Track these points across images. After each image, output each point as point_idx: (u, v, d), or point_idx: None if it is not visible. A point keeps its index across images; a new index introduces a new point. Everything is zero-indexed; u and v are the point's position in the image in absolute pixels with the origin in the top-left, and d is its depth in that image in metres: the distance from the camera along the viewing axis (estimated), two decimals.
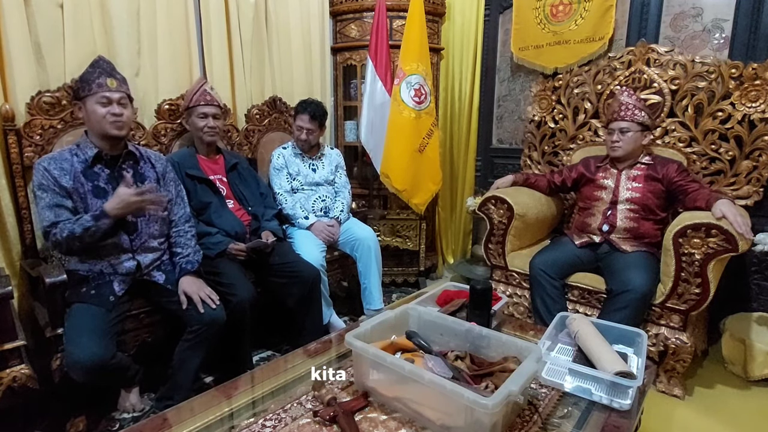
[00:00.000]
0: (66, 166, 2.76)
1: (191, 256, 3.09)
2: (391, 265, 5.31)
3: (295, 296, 3.52)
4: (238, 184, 3.77)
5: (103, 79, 2.78)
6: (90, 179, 2.81)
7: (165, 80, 3.92)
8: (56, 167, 2.74)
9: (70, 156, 2.81)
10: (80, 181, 2.77)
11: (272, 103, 4.58)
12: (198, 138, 3.70)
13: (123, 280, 2.86)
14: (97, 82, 2.77)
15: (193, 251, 3.12)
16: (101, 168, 2.86)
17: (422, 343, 2.14)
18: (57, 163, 2.75)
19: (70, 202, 2.74)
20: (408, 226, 5.17)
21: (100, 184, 2.83)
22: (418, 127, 4.62)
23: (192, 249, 3.12)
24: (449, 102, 5.65)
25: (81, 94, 2.80)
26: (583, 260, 3.63)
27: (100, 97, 2.77)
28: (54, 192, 2.71)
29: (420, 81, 4.60)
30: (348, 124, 5.35)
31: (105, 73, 2.80)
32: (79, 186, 2.77)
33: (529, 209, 3.91)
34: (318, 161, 4.33)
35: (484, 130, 5.61)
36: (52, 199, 2.70)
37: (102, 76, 2.78)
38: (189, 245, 3.13)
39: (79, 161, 2.81)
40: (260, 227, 3.72)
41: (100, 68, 2.81)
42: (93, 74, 2.79)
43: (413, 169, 4.67)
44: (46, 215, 2.68)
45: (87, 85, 2.78)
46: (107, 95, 2.77)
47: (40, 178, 2.71)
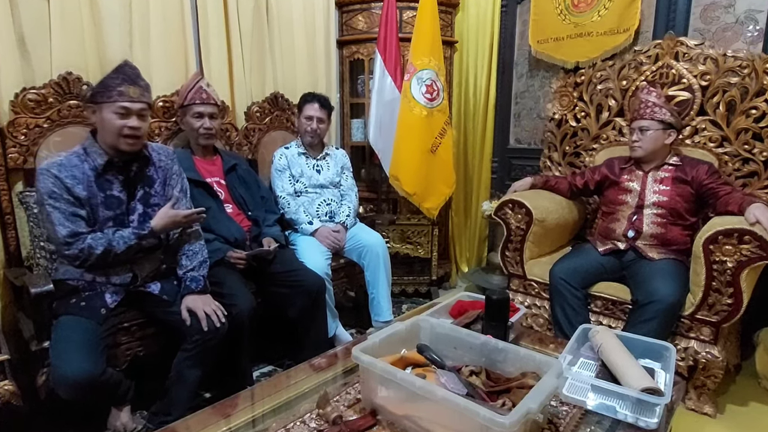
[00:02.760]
0: (78, 174, 2.73)
1: (197, 270, 3.06)
2: (401, 273, 5.30)
3: (298, 307, 3.51)
4: (237, 187, 3.78)
5: (125, 87, 2.74)
6: (103, 189, 2.80)
7: (158, 75, 3.92)
8: (68, 175, 2.69)
9: (80, 162, 2.76)
10: (93, 191, 2.76)
11: (274, 100, 4.60)
12: (193, 139, 3.70)
13: (116, 291, 2.86)
14: (119, 90, 2.73)
15: (199, 263, 3.09)
16: (114, 175, 2.85)
17: (434, 357, 2.14)
18: (68, 170, 2.71)
19: (84, 211, 2.73)
20: (419, 232, 5.18)
21: (114, 193, 2.83)
22: (430, 125, 4.63)
23: (198, 261, 3.09)
24: (463, 99, 5.66)
25: (98, 99, 2.75)
26: (607, 268, 3.62)
27: (119, 107, 2.73)
28: (68, 201, 2.68)
29: (432, 76, 4.61)
30: (355, 122, 5.36)
31: (129, 80, 2.76)
32: (92, 196, 2.76)
33: (549, 214, 3.90)
34: (323, 162, 4.34)
35: (501, 129, 5.63)
36: (67, 208, 2.68)
37: (125, 84, 2.75)
38: (196, 255, 3.11)
39: (90, 168, 2.77)
40: (261, 233, 3.73)
41: (124, 74, 2.77)
42: (115, 80, 2.74)
43: (425, 170, 4.68)
44: (64, 225, 2.66)
45: (107, 91, 2.73)
46: (127, 105, 2.74)
47: (50, 186, 2.66)
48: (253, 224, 3.75)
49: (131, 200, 2.90)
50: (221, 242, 3.48)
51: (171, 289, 3.02)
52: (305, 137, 4.28)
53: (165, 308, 2.96)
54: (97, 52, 3.62)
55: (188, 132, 3.71)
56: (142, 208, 2.93)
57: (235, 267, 3.44)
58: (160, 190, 3.02)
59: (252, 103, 4.49)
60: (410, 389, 1.88)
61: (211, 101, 3.67)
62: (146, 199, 2.95)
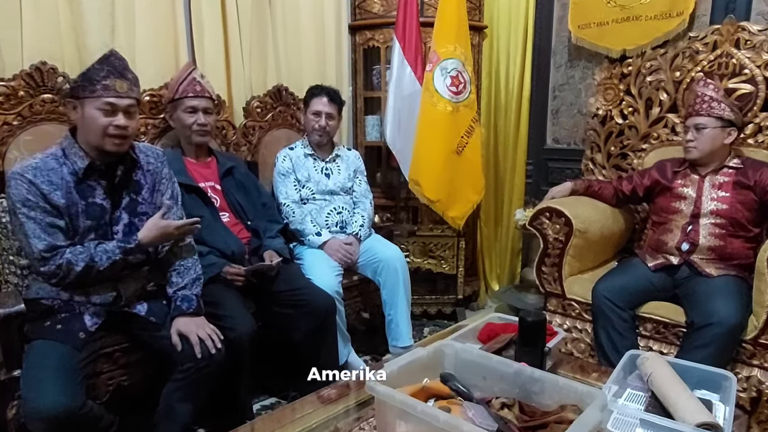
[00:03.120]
0: (55, 179, 2.69)
1: (189, 288, 3.04)
2: (423, 292, 5.31)
3: (305, 330, 3.50)
4: (235, 193, 3.78)
5: (111, 81, 2.71)
6: (84, 196, 2.77)
7: (145, 66, 3.90)
8: (44, 180, 2.66)
9: (58, 166, 2.73)
10: (73, 198, 2.73)
11: (277, 93, 4.62)
12: (185, 137, 3.71)
13: (97, 313, 2.82)
14: (104, 84, 2.70)
15: (192, 281, 3.07)
16: (96, 180, 2.82)
17: (461, 387, 2.14)
18: (44, 175, 2.67)
19: (63, 222, 2.71)
20: (443, 245, 5.18)
21: (97, 200, 2.81)
22: (456, 123, 4.63)
23: (191, 277, 3.07)
24: (494, 92, 5.67)
25: (80, 94, 2.72)
26: (658, 287, 3.61)
27: (104, 104, 2.70)
28: (44, 210, 2.66)
29: (458, 66, 4.61)
30: (370, 119, 5.37)
31: (115, 73, 2.73)
32: (71, 204, 2.72)
33: (591, 224, 3.90)
34: (332, 165, 4.35)
35: (537, 126, 5.63)
36: (44, 218, 2.65)
37: (111, 77, 2.71)
38: (188, 271, 3.09)
39: (69, 172, 2.74)
40: (262, 246, 3.73)
41: (110, 66, 2.73)
42: (100, 72, 2.70)
43: (449, 174, 4.68)
44: (40, 237, 2.63)
45: (90, 84, 2.70)
46: (113, 101, 2.71)
47: (24, 192, 2.62)
48: (253, 235, 3.76)
49: (116, 209, 2.88)
50: (216, 256, 3.46)
51: (160, 310, 2.99)
52: (312, 136, 4.28)
53: (153, 332, 2.93)
54: (74, 38, 3.64)
55: (179, 129, 3.72)
56: (128, 217, 2.91)
57: (232, 284, 3.43)
58: (149, 197, 3.01)
59: (252, 97, 4.50)
60: (433, 424, 1.87)
61: (206, 94, 3.68)
62: (133, 208, 2.93)
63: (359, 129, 5.39)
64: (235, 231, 3.65)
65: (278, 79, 4.72)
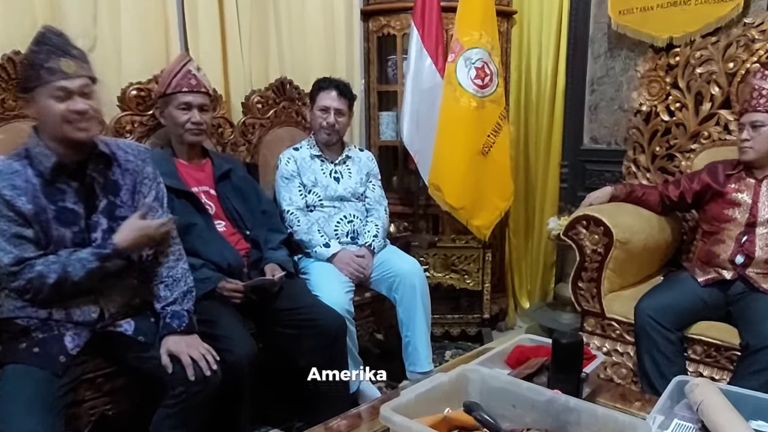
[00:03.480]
0: (20, 183, 2.67)
1: (180, 303, 3.02)
2: (444, 310, 5.31)
3: (312, 354, 3.49)
4: (232, 199, 3.78)
5: (54, 62, 2.64)
6: (53, 200, 2.74)
7: (131, 57, 3.95)
8: (7, 185, 2.64)
9: (22, 168, 2.70)
10: (41, 204, 2.70)
11: (280, 87, 4.63)
12: (177, 137, 3.71)
13: (78, 333, 2.80)
14: (47, 67, 2.63)
15: (182, 294, 3.05)
16: (66, 181, 2.79)
17: (487, 418, 2.14)
18: (6, 179, 2.65)
19: (31, 231, 2.68)
20: (467, 258, 5.18)
21: (68, 205, 2.78)
22: (481, 120, 4.63)
23: (181, 291, 3.05)
24: (524, 86, 5.70)
25: (29, 85, 2.69)
26: (709, 304, 3.60)
27: (55, 89, 2.63)
28: (9, 219, 2.64)
29: (483, 57, 4.61)
30: (384, 116, 5.38)
31: (57, 51, 2.67)
32: (40, 211, 2.70)
33: (634, 234, 3.89)
34: (343, 167, 4.36)
35: (573, 124, 5.65)
36: (9, 229, 2.63)
37: (53, 57, 2.64)
38: (178, 284, 3.07)
39: (35, 174, 2.71)
40: (263, 258, 3.72)
41: (49, 45, 2.68)
42: (39, 55, 2.66)
43: (474, 178, 4.68)
44: (6, 250, 2.61)
45: (34, 71, 2.66)
46: (64, 85, 2.64)
47: None
48: (253, 247, 3.75)
49: (92, 213, 2.85)
50: (211, 270, 3.45)
51: (148, 329, 2.97)
52: (320, 135, 4.29)
53: (140, 353, 2.91)
54: None
55: (171, 127, 3.72)
56: (107, 222, 2.88)
57: (229, 302, 3.42)
58: (129, 199, 2.98)
59: (251, 91, 4.51)
60: None
61: (202, 89, 3.68)
62: (111, 211, 2.90)
63: (372, 127, 5.40)
64: (232, 241, 3.64)
65: (281, 71, 4.73)
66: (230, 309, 3.39)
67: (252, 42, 4.56)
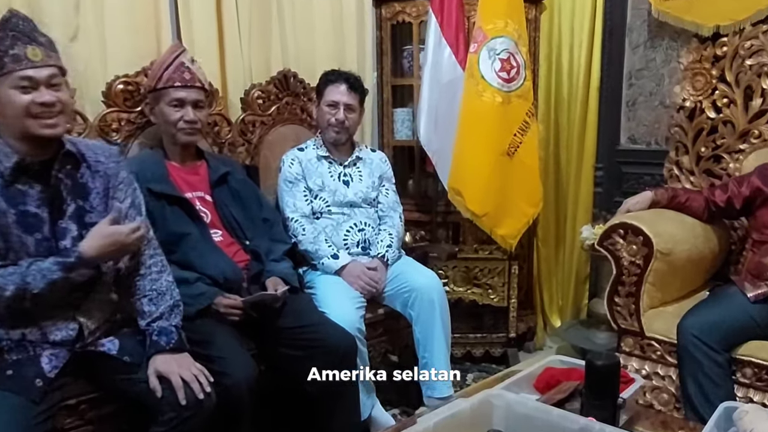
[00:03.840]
0: None
1: (167, 318, 2.99)
2: (466, 329, 5.29)
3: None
4: (230, 206, 3.76)
5: (20, 49, 2.62)
6: (13, 203, 2.71)
7: (118, 47, 3.93)
8: None
9: None
10: (0, 207, 2.69)
11: (283, 81, 4.62)
12: (169, 136, 3.67)
13: (56, 355, 2.77)
14: (12, 54, 2.62)
15: (169, 309, 3.02)
16: (28, 183, 2.76)
17: None
18: None
19: None
20: (491, 270, 5.17)
21: (30, 209, 2.75)
22: (507, 117, 4.62)
23: (167, 305, 3.02)
24: (554, 80, 5.71)
25: None
26: (760, 322, 3.56)
27: (19, 79, 2.62)
28: None
29: (509, 47, 4.59)
30: (399, 113, 5.38)
31: (23, 38, 2.66)
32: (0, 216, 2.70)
33: (676, 244, 3.87)
34: (353, 170, 4.34)
35: (608, 122, 5.65)
36: None
37: (18, 44, 2.62)
38: (163, 297, 3.04)
39: None
40: (264, 271, 3.70)
41: (14, 31, 2.67)
42: (4, 41, 2.64)
43: (499, 182, 4.67)
44: None
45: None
46: (30, 74, 2.63)
47: None
48: (253, 258, 3.73)
49: (59, 218, 2.82)
50: (207, 284, 3.42)
51: (134, 348, 2.94)
52: (328, 133, 4.26)
53: (126, 375, 2.88)
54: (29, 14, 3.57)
55: (161, 126, 3.68)
56: (77, 229, 2.85)
57: (226, 320, 3.39)
58: (99, 204, 2.94)
59: (251, 85, 4.50)
60: None
61: (197, 84, 3.64)
62: (80, 217, 2.88)
63: (386, 125, 5.40)
64: (230, 253, 3.62)
65: (285, 63, 4.73)
66: (228, 328, 3.36)
67: (252, 30, 4.56)
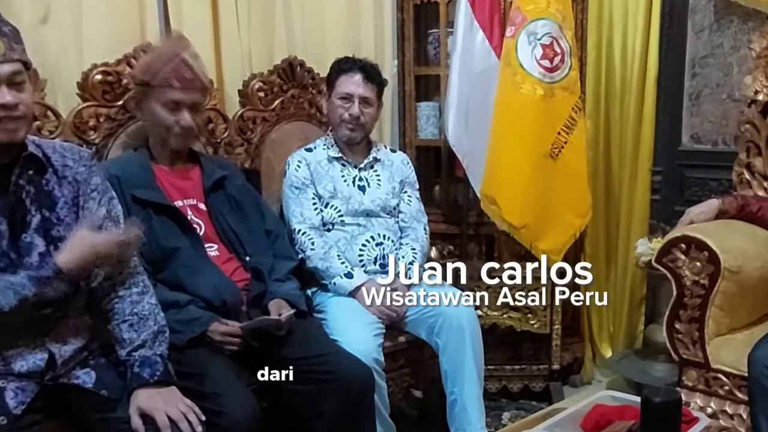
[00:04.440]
0: None
1: (150, 346, 2.94)
2: (501, 359, 5.28)
3: (331, 416, 3.42)
4: (227, 216, 3.74)
5: None
6: None
7: (95, 32, 3.93)
8: None
9: None
10: None
11: (288, 70, 4.63)
12: (158, 138, 3.66)
13: (23, 388, 2.75)
14: None
15: (153, 335, 2.97)
16: None
17: None
18: None
19: None
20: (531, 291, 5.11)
21: None
22: (550, 113, 4.62)
23: (150, 330, 2.98)
24: (604, 68, 5.69)
25: None
26: None
27: None
28: None
29: (552, 31, 4.59)
30: (424, 107, 5.38)
31: None
32: None
33: (747, 260, 3.85)
34: (370, 173, 4.34)
35: (668, 118, 5.64)
36: None
37: None
38: (145, 323, 2.99)
39: None
40: (267, 292, 3.68)
41: None
42: None
43: (540, 188, 4.66)
44: None
45: None
46: None
47: None
48: (254, 277, 3.71)
49: (22, 231, 2.80)
50: (200, 308, 3.40)
51: (113, 381, 2.91)
52: (341, 130, 4.25)
53: (105, 412, 2.85)
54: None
55: (151, 126, 3.67)
56: (44, 243, 2.82)
57: (224, 349, 3.38)
58: (67, 214, 2.91)
59: (251, 75, 4.51)
60: None
61: (198, 84, 3.62)
62: (47, 229, 2.85)
63: (408, 122, 5.40)
64: (227, 271, 3.61)
65: (290, 50, 4.74)
66: (224, 359, 3.34)
67: (252, 12, 4.57)
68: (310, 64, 4.70)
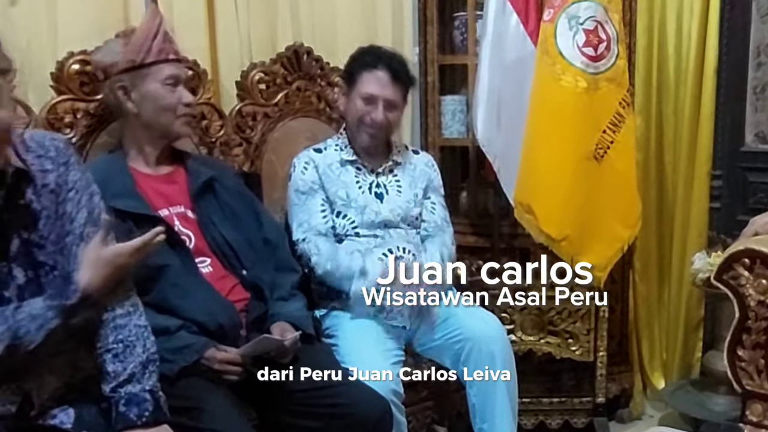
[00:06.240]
0: None
1: (139, 380, 2.87)
2: (538, 390, 5.25)
3: None
4: (219, 224, 3.68)
5: None
6: None
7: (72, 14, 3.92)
8: None
9: None
10: None
11: (293, 59, 4.62)
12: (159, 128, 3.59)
13: None
14: None
15: (141, 366, 2.89)
16: None
17: None
18: None
19: None
20: (572, 313, 5.09)
21: None
22: (594, 108, 4.59)
23: (137, 360, 2.91)
24: (656, 58, 5.68)
25: None
26: None
27: None
28: None
29: (596, 14, 4.56)
30: (449, 102, 5.37)
31: None
32: None
33: None
34: (389, 178, 4.31)
35: (729, 115, 5.61)
36: None
37: None
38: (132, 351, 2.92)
39: None
40: (268, 314, 3.65)
41: None
42: None
43: (583, 195, 4.64)
44: None
45: None
46: None
47: None
48: (253, 296, 3.67)
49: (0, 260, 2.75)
50: (192, 332, 3.36)
51: (95, 420, 2.85)
52: (360, 134, 4.20)
53: None
54: None
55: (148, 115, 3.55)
56: (24, 273, 2.73)
57: (221, 379, 3.33)
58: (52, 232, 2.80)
59: (251, 65, 4.49)
60: None
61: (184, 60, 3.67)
62: (28, 254, 2.75)
63: (431, 118, 5.39)
64: (223, 289, 3.56)
65: (294, 35, 4.74)
66: (222, 390, 3.29)
67: None
68: (318, 52, 4.70)
